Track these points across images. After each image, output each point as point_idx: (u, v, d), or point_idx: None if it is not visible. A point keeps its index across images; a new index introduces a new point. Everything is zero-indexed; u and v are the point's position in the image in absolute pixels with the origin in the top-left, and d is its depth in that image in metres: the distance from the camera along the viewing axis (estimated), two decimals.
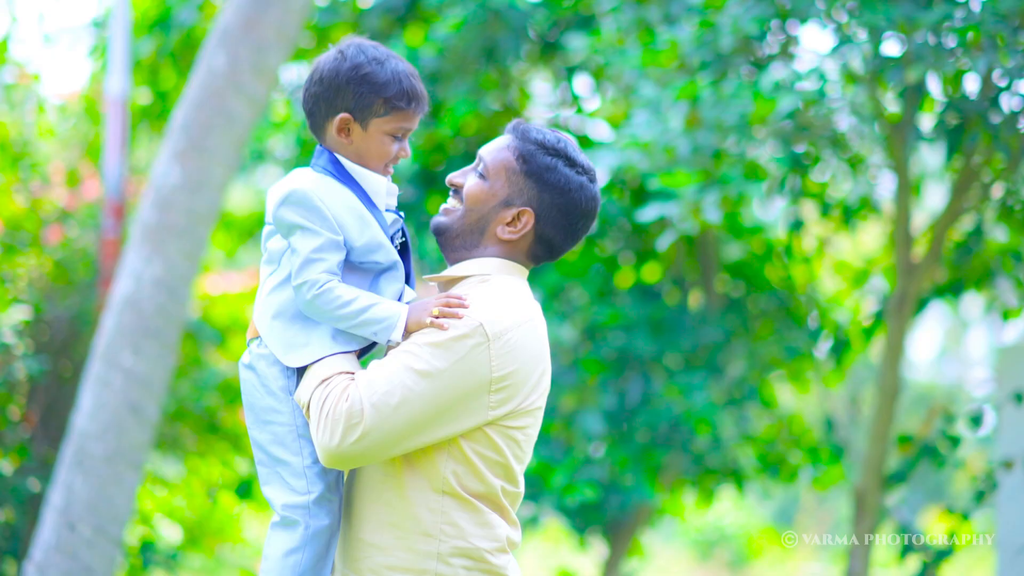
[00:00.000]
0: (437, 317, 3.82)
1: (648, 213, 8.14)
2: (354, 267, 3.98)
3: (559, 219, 3.98)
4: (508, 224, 3.98)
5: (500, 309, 3.84)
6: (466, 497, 3.85)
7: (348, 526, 3.98)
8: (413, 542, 3.86)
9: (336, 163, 4.01)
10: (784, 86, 7.71)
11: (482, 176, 4.02)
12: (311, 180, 3.96)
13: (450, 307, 3.83)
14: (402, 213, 4.10)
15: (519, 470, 3.92)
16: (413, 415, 3.77)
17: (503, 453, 3.86)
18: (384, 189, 4.02)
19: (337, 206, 3.93)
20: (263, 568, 4.03)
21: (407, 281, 4.05)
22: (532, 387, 3.87)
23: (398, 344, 3.87)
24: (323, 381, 3.84)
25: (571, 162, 3.97)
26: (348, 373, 3.86)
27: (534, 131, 4.01)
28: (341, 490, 4.01)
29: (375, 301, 3.88)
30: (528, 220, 3.97)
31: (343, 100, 3.99)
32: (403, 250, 4.08)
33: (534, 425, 3.93)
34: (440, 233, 4.08)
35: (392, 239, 4.04)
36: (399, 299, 3.99)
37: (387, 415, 3.76)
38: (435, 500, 3.86)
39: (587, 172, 4.00)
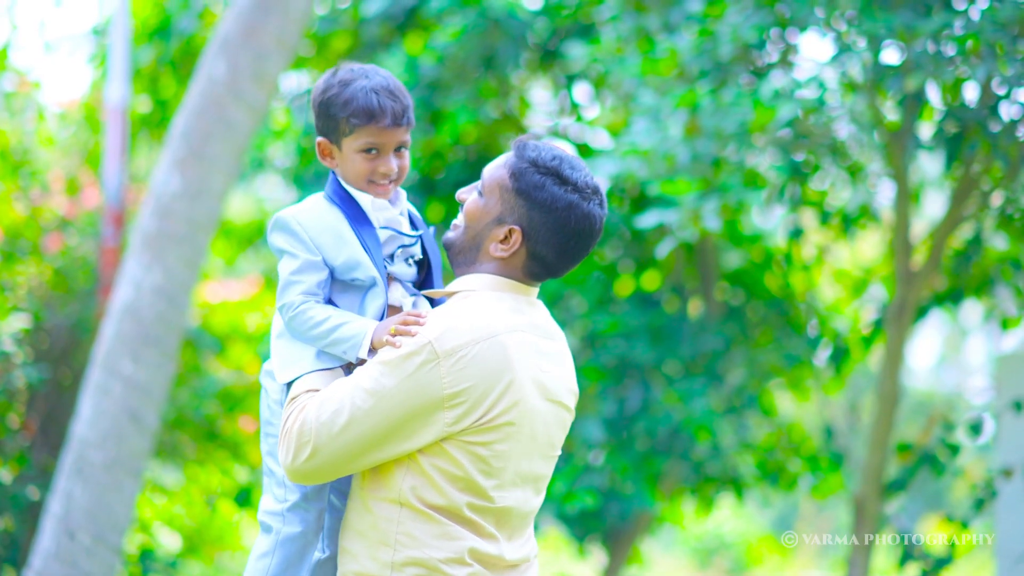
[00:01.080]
0: (393, 335, 3.86)
1: (647, 220, 8.14)
2: (346, 285, 4.09)
3: (549, 237, 3.96)
4: (501, 242, 3.99)
5: (457, 326, 3.86)
6: (423, 509, 3.88)
7: (340, 532, 4.06)
8: (375, 551, 3.90)
9: (336, 184, 4.16)
10: (783, 94, 7.72)
11: (480, 193, 4.06)
12: (303, 206, 4.14)
13: (406, 324, 3.88)
14: (423, 229, 4.15)
15: (491, 485, 3.89)
16: (363, 433, 3.83)
17: (464, 468, 3.86)
18: (371, 206, 4.09)
19: (317, 228, 4.07)
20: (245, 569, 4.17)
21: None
22: (493, 402, 3.84)
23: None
24: (292, 399, 3.94)
25: (562, 180, 3.94)
26: (314, 391, 3.93)
27: (531, 148, 4.00)
28: (323, 501, 4.08)
29: (346, 320, 3.97)
30: (517, 238, 3.97)
31: (319, 124, 4.18)
32: (422, 265, 4.20)
33: (504, 441, 3.89)
34: (447, 248, 4.16)
35: (393, 256, 4.13)
36: (380, 317, 4.06)
37: (335, 434, 3.84)
38: (394, 511, 3.90)
39: (580, 191, 3.95)
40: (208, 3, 11.78)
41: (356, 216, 4.10)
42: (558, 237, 3.95)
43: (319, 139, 4.19)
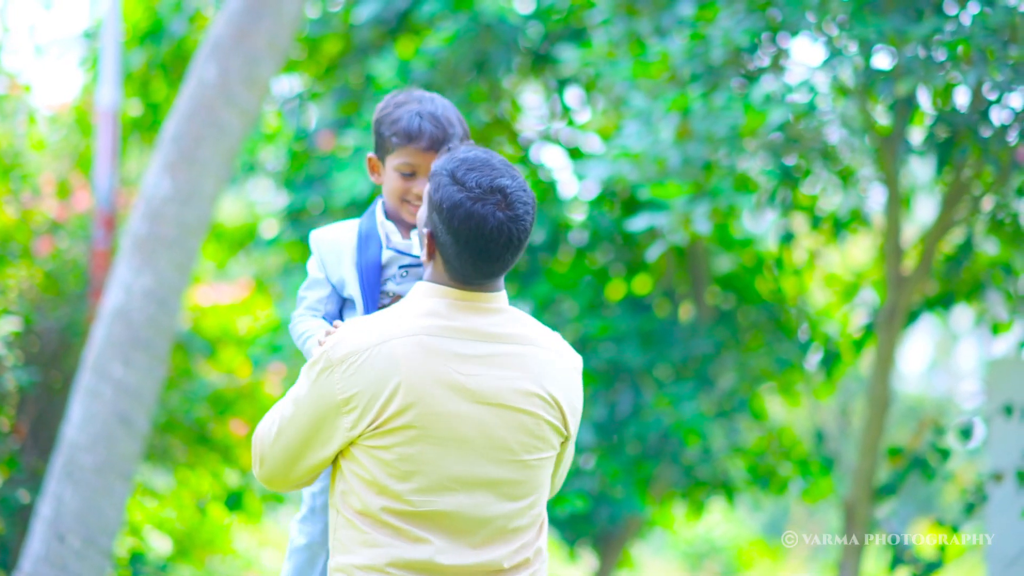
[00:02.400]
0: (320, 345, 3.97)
1: (638, 223, 8.14)
2: (349, 303, 4.39)
3: (446, 239, 3.91)
4: (426, 247, 4.00)
5: (352, 334, 3.90)
6: (348, 515, 3.92)
7: None
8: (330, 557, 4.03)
9: (373, 204, 4.44)
10: (775, 98, 7.72)
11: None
12: (334, 225, 4.48)
13: (328, 334, 3.99)
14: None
15: (406, 488, 3.87)
16: (289, 441, 3.96)
17: (371, 471, 3.88)
18: (392, 228, 4.26)
19: (327, 247, 4.38)
20: None
21: None
22: (383, 406, 3.84)
23: None
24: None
25: (455, 181, 3.88)
26: None
27: (451, 152, 4.00)
28: (327, 517, 4.21)
29: (315, 333, 4.24)
30: (430, 242, 3.97)
31: (374, 140, 4.45)
32: None
33: (409, 444, 3.86)
34: None
35: (397, 275, 4.30)
36: None
37: (271, 442, 3.99)
38: (334, 516, 3.99)
39: (469, 190, 3.87)
40: (199, 6, 11.78)
41: (368, 236, 4.32)
42: (450, 239, 3.90)
43: (369, 154, 4.45)
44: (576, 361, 4.09)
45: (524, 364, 3.97)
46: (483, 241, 3.88)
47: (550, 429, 3.98)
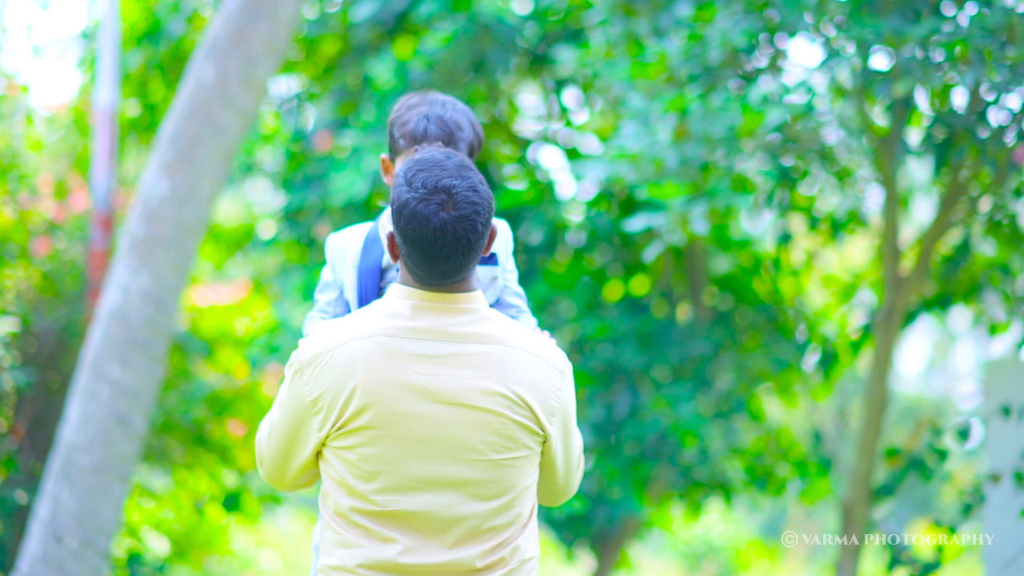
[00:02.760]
0: None
1: (636, 224, 8.14)
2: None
3: (399, 240, 3.94)
4: (389, 249, 4.05)
5: (321, 335, 3.96)
6: (327, 516, 3.98)
7: None
8: None
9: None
10: (772, 99, 7.72)
11: None
12: (348, 228, 4.54)
13: None
14: None
15: (370, 489, 3.90)
16: (277, 442, 4.02)
17: (340, 472, 3.93)
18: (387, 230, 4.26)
19: (338, 250, 4.48)
20: None
21: None
22: (343, 407, 3.88)
23: None
24: None
25: (405, 181, 3.91)
26: None
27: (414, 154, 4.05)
28: None
29: None
30: (391, 243, 3.99)
31: (388, 143, 4.49)
32: None
33: (368, 444, 3.89)
34: None
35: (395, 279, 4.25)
36: None
37: (265, 443, 4.07)
38: (320, 518, 4.09)
39: (415, 190, 3.88)
40: (197, 7, 11.78)
41: (374, 239, 4.38)
42: (401, 239, 3.92)
43: (382, 155, 4.47)
44: (557, 360, 4.03)
45: (488, 363, 3.95)
46: (428, 241, 3.87)
47: (519, 429, 3.95)
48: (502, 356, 3.96)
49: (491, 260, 4.27)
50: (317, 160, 11.10)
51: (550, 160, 11.83)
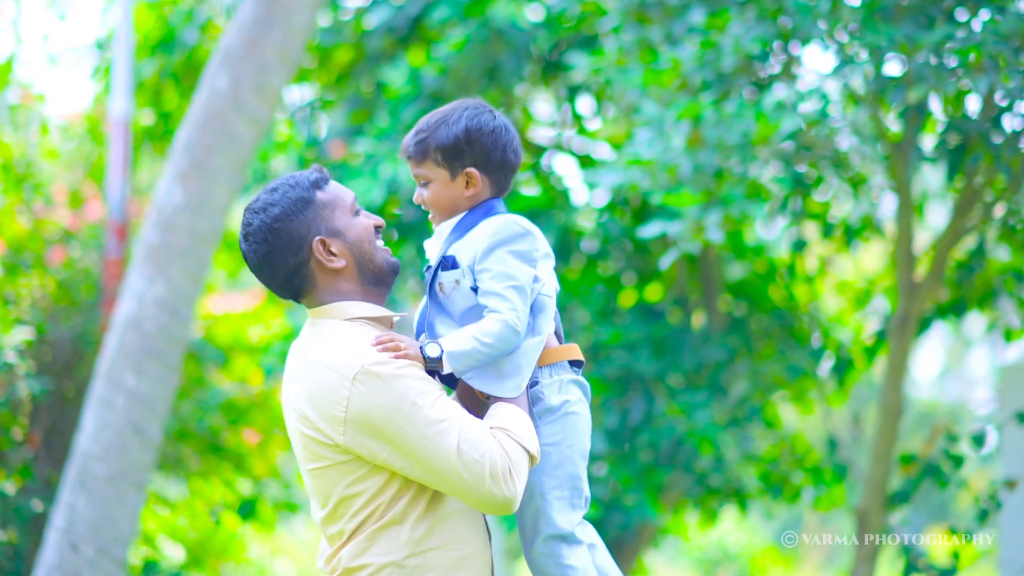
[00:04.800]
0: None
1: (650, 231, 8.15)
2: None
3: None
4: None
5: None
6: None
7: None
8: None
9: None
10: (786, 106, 7.72)
11: None
12: None
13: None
14: (441, 264, 4.18)
15: None
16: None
17: None
18: (434, 238, 4.30)
19: None
20: None
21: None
22: None
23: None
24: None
25: None
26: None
27: None
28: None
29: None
30: None
31: None
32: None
33: None
34: None
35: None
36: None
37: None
38: None
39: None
40: (211, 16, 11.80)
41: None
42: None
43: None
44: (347, 367, 3.95)
45: (299, 379, 4.07)
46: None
47: (312, 441, 4.03)
48: (303, 370, 4.07)
49: (451, 264, 4.16)
50: (331, 167, 11.11)
51: (564, 167, 11.85)
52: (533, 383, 4.13)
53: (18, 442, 9.64)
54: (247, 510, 11.67)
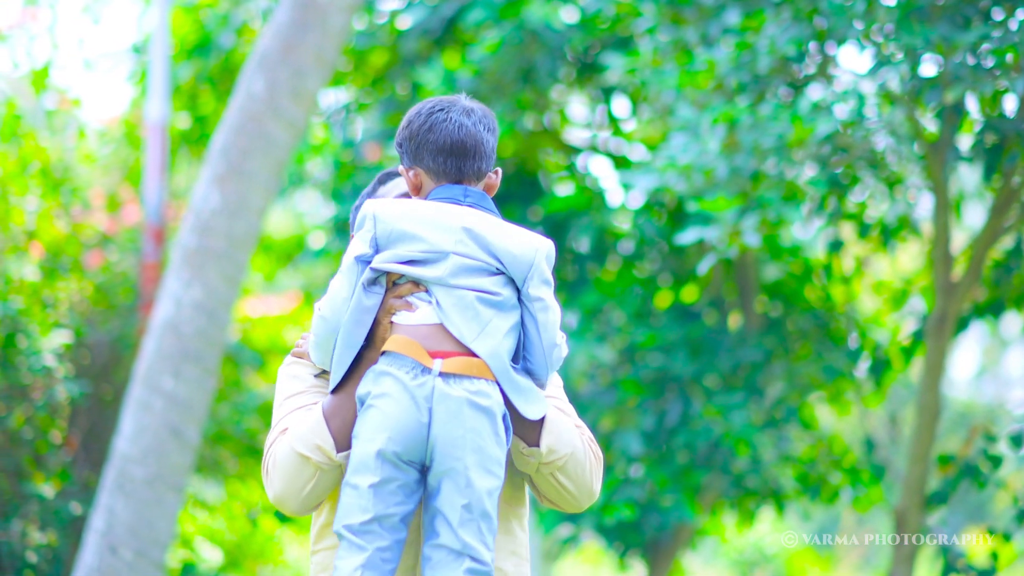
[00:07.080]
0: None
1: (687, 237, 8.14)
2: None
3: None
4: None
5: None
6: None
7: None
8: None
9: None
10: (822, 108, 7.70)
11: None
12: None
13: None
14: None
15: None
16: None
17: None
18: None
19: None
20: None
21: None
22: None
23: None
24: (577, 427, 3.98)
25: None
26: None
27: None
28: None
29: None
30: None
31: None
32: None
33: None
34: None
35: None
36: None
37: None
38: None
39: None
40: (247, 19, 11.84)
41: None
42: None
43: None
44: None
45: None
46: None
47: None
48: None
49: None
50: (367, 170, 11.14)
51: (599, 169, 11.84)
52: None
53: (57, 445, 9.68)
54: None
